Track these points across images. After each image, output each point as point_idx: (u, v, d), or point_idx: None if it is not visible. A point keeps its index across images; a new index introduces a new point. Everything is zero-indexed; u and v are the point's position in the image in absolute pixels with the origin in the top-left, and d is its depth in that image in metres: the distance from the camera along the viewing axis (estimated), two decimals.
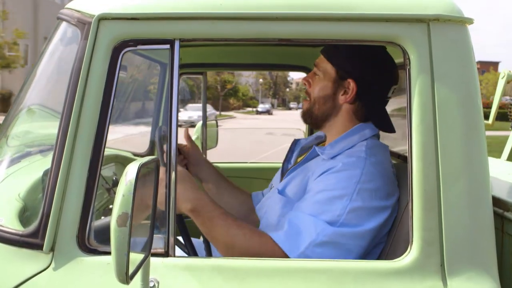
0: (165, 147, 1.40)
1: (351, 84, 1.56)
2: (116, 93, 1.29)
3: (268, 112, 51.03)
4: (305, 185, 1.52)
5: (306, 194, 1.47)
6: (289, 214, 1.45)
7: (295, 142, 1.84)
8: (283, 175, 1.70)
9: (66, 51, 1.43)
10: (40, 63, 1.51)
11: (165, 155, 1.36)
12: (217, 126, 3.08)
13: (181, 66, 1.30)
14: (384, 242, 1.48)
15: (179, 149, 1.77)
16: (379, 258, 1.48)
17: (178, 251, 1.38)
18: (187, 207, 1.39)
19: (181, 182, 1.37)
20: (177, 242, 1.42)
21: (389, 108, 1.68)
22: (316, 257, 1.34)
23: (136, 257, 1.07)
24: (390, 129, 1.64)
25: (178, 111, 1.29)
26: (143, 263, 1.11)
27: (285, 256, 1.36)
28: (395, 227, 1.46)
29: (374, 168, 1.45)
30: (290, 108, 74.18)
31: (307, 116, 1.65)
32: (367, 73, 1.57)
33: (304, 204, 1.44)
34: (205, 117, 2.91)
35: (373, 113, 1.61)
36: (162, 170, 1.30)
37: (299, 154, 1.77)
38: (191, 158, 1.83)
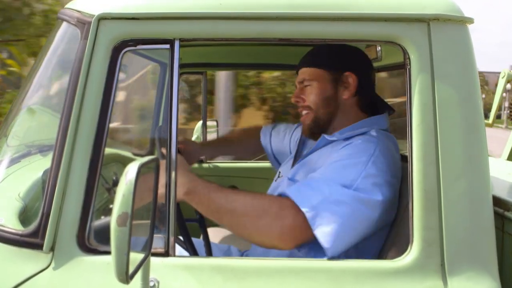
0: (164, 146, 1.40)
1: (350, 77, 1.59)
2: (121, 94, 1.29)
3: None
4: (317, 169, 1.50)
5: (319, 168, 1.47)
6: (304, 180, 1.44)
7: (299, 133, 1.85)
8: (293, 164, 1.71)
9: (66, 51, 1.43)
10: (40, 63, 1.51)
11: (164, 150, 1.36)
12: (217, 126, 3.08)
13: (181, 66, 1.30)
14: (384, 239, 1.47)
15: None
16: (378, 256, 1.48)
17: (178, 251, 1.37)
18: (182, 191, 1.37)
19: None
20: (177, 240, 1.42)
21: None
22: (329, 215, 1.30)
23: (136, 257, 1.07)
24: (391, 108, 1.69)
25: (178, 110, 1.29)
26: (143, 263, 1.10)
27: (295, 210, 1.31)
28: (395, 226, 1.46)
29: (386, 148, 1.47)
30: None
31: (313, 126, 1.63)
32: (357, 62, 1.63)
33: (316, 172, 1.44)
34: (205, 117, 2.91)
35: (375, 99, 1.66)
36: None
37: (310, 144, 1.78)
38: (186, 155, 1.83)
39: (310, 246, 1.37)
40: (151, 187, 1.15)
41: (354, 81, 1.59)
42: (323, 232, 1.30)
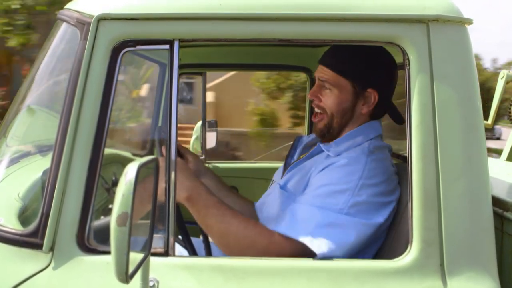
0: (163, 147, 1.40)
1: (372, 94, 1.56)
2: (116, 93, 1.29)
3: None
4: (307, 180, 1.52)
5: (308, 188, 1.47)
6: (291, 207, 1.44)
7: (298, 139, 1.84)
8: (285, 171, 1.71)
9: (66, 51, 1.43)
10: (39, 63, 1.51)
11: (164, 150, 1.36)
12: (216, 126, 3.08)
13: (180, 66, 1.30)
14: (384, 238, 1.48)
15: (181, 155, 1.76)
16: (378, 256, 1.48)
17: (178, 251, 1.38)
18: (183, 195, 1.38)
19: (177, 171, 1.37)
20: (176, 239, 1.42)
21: None
22: (323, 237, 1.32)
23: (136, 257, 1.07)
24: (401, 120, 1.66)
25: (177, 111, 1.29)
26: (143, 263, 1.11)
27: (285, 241, 1.34)
28: (395, 226, 1.46)
29: (376, 164, 1.46)
30: None
31: (325, 131, 1.62)
32: (384, 80, 1.59)
33: (306, 197, 1.44)
34: (204, 117, 2.91)
35: (388, 109, 1.64)
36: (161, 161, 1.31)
37: (301, 151, 1.77)
38: (192, 167, 1.82)
39: None
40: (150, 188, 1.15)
41: (375, 98, 1.57)
42: (323, 253, 1.32)
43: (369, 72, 1.56)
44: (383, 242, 1.50)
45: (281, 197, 1.55)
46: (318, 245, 1.31)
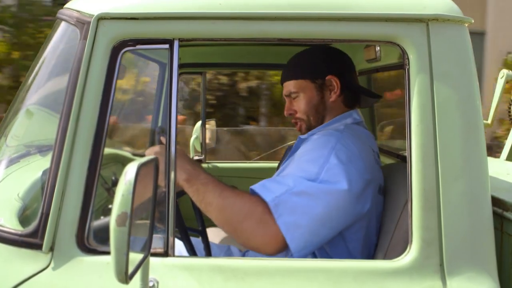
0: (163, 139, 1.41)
1: (333, 80, 1.65)
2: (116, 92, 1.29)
3: None
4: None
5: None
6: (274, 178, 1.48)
7: (299, 139, 1.86)
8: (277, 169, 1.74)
9: (65, 51, 1.42)
10: (39, 62, 1.51)
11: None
12: (216, 125, 3.08)
13: (180, 66, 1.30)
14: (364, 228, 1.49)
15: None
16: (377, 256, 1.48)
17: (177, 251, 1.37)
18: (182, 177, 1.40)
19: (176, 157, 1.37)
20: (176, 235, 1.42)
21: None
22: (290, 205, 1.34)
23: (135, 257, 1.06)
24: (376, 95, 1.78)
25: (177, 110, 1.29)
26: (143, 263, 1.10)
27: (264, 210, 1.35)
28: (393, 226, 1.46)
29: (350, 140, 1.50)
30: None
31: (307, 131, 1.68)
32: (337, 65, 1.68)
33: (285, 169, 1.49)
34: (204, 117, 2.91)
35: (359, 91, 1.72)
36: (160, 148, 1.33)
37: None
38: None
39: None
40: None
41: (337, 82, 1.65)
42: (285, 223, 1.34)
43: (319, 62, 1.67)
44: (382, 242, 1.50)
45: None
46: (281, 213, 1.34)
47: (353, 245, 1.49)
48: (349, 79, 1.69)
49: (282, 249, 1.37)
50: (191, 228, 1.56)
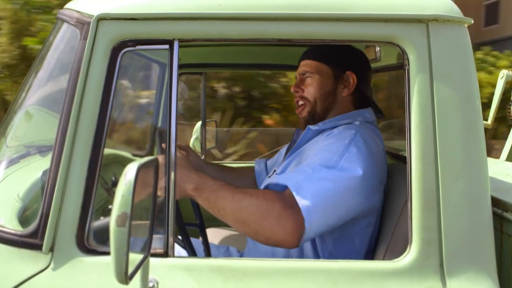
0: (163, 144, 1.41)
1: (351, 77, 1.65)
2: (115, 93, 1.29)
3: None
4: (306, 158, 1.55)
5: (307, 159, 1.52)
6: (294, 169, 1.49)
7: (297, 131, 1.86)
8: (284, 159, 1.73)
9: (65, 51, 1.42)
10: (39, 63, 1.51)
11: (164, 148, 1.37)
12: (216, 126, 3.08)
13: (180, 66, 1.30)
14: (372, 225, 1.50)
15: (181, 151, 1.79)
16: (377, 256, 1.48)
17: (177, 251, 1.37)
18: (190, 187, 1.38)
19: (180, 166, 1.37)
20: (176, 239, 1.42)
21: None
22: (312, 190, 1.34)
23: (135, 257, 1.06)
24: (381, 112, 1.76)
25: (177, 111, 1.29)
26: (143, 263, 1.10)
27: (280, 201, 1.34)
28: (392, 226, 1.46)
29: (368, 136, 1.52)
30: None
31: (309, 118, 1.67)
32: (360, 63, 1.69)
33: (303, 162, 1.50)
34: (204, 117, 2.92)
35: (369, 99, 1.71)
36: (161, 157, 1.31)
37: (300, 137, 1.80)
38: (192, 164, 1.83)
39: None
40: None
41: (354, 80, 1.65)
42: (307, 206, 1.33)
43: (345, 56, 1.67)
44: (382, 242, 1.50)
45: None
46: (303, 196, 1.33)
47: (359, 241, 1.49)
48: (364, 83, 1.70)
49: (303, 242, 1.36)
50: (189, 223, 1.55)
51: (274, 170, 1.78)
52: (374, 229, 1.53)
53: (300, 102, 1.68)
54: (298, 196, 1.33)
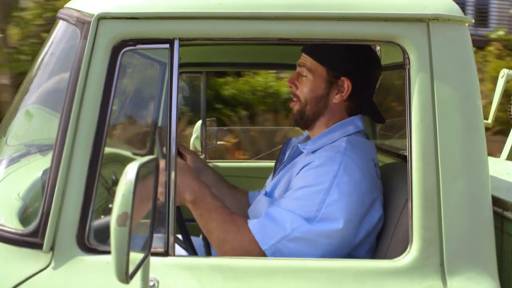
0: (164, 149, 1.40)
1: (346, 83, 1.56)
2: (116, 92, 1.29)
3: None
4: (289, 183, 1.52)
5: (287, 192, 1.48)
6: (269, 208, 1.46)
7: (287, 142, 1.84)
8: (273, 177, 1.71)
9: (65, 50, 1.42)
10: (39, 62, 1.51)
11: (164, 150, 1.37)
12: (216, 125, 3.08)
13: (180, 66, 1.30)
14: (369, 244, 1.47)
15: (180, 154, 1.77)
16: (377, 256, 1.48)
17: (177, 250, 1.37)
18: (189, 198, 1.41)
19: (182, 173, 1.37)
20: (176, 240, 1.42)
21: None
22: (287, 252, 1.34)
23: (136, 257, 1.06)
24: (381, 119, 1.68)
25: (178, 110, 1.29)
26: (143, 263, 1.10)
27: (259, 247, 1.35)
28: (393, 226, 1.46)
29: (353, 163, 1.45)
30: None
31: (298, 117, 1.63)
32: (359, 69, 1.59)
33: (284, 200, 1.45)
34: (204, 117, 2.92)
35: (367, 106, 1.63)
36: (162, 162, 1.31)
37: (290, 152, 1.77)
38: (192, 165, 1.82)
39: None
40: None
41: (348, 87, 1.56)
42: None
43: (344, 61, 1.58)
44: (382, 241, 1.50)
45: (266, 205, 1.55)
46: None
47: (357, 252, 1.48)
48: (361, 90, 1.60)
49: None
50: (189, 219, 1.55)
51: (265, 186, 1.76)
52: (373, 242, 1.50)
53: (293, 98, 1.64)
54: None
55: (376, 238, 1.54)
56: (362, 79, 1.59)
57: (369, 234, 1.45)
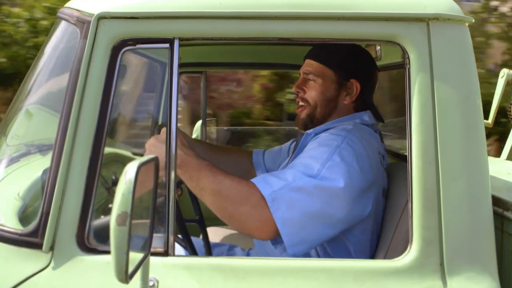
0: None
1: (355, 84, 1.61)
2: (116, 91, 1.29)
3: None
4: None
5: None
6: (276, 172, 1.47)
7: (301, 134, 1.85)
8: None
9: (65, 50, 1.42)
10: (39, 62, 1.51)
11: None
12: (216, 125, 3.08)
13: (180, 65, 1.30)
14: (370, 229, 1.48)
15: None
16: (377, 255, 1.48)
17: (177, 250, 1.37)
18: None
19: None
20: (176, 239, 1.42)
21: None
22: (287, 200, 1.33)
23: (135, 256, 1.06)
24: (380, 118, 1.72)
25: (178, 110, 1.29)
26: (143, 262, 1.10)
27: (261, 197, 1.34)
28: (394, 226, 1.46)
29: (357, 139, 1.48)
30: None
31: (307, 121, 1.65)
32: (365, 71, 1.64)
33: (289, 165, 1.48)
34: (204, 117, 2.92)
35: (370, 105, 1.67)
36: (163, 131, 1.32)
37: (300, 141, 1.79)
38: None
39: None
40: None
41: (357, 88, 1.62)
42: (281, 218, 1.33)
43: (352, 63, 1.63)
44: (383, 241, 1.50)
45: None
46: (277, 207, 1.34)
47: (356, 246, 1.48)
48: (367, 91, 1.66)
49: (275, 236, 1.37)
50: (188, 219, 1.55)
51: None
52: (372, 233, 1.50)
53: (300, 103, 1.66)
54: (272, 207, 1.34)
55: (377, 238, 1.54)
56: (367, 80, 1.65)
57: (365, 216, 1.45)
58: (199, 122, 2.97)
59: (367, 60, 1.69)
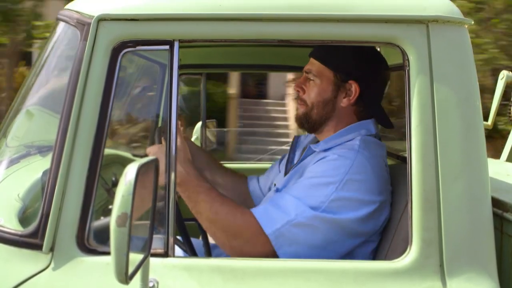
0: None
1: (353, 86, 1.56)
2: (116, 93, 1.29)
3: None
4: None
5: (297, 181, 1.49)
6: (274, 196, 1.47)
7: (296, 139, 1.84)
8: (286, 175, 1.70)
9: (66, 52, 1.43)
10: (39, 64, 1.51)
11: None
12: (216, 126, 3.08)
13: (180, 67, 1.30)
14: (375, 242, 1.48)
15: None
16: (377, 256, 1.48)
17: (177, 251, 1.38)
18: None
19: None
20: (176, 242, 1.42)
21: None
22: (290, 237, 1.35)
23: (135, 257, 1.07)
24: (390, 124, 1.66)
25: (177, 112, 1.29)
26: (143, 263, 1.11)
27: (262, 232, 1.35)
28: (394, 227, 1.46)
29: (366, 160, 1.45)
30: None
31: (303, 120, 1.62)
32: (367, 73, 1.58)
33: (292, 188, 1.45)
34: (204, 118, 2.92)
35: (375, 110, 1.62)
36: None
37: (301, 153, 1.77)
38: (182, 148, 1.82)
39: None
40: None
41: (356, 91, 1.56)
42: (285, 254, 1.36)
43: (352, 64, 1.58)
44: (383, 242, 1.50)
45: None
46: (281, 244, 1.35)
47: (360, 257, 1.47)
48: (369, 94, 1.59)
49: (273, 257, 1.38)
50: (188, 218, 1.55)
51: (275, 184, 1.75)
52: (376, 246, 1.50)
53: (299, 101, 1.64)
54: (276, 245, 1.36)
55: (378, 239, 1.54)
56: (369, 82, 1.59)
57: (373, 233, 1.45)
58: (199, 124, 2.97)
59: (371, 61, 1.62)
